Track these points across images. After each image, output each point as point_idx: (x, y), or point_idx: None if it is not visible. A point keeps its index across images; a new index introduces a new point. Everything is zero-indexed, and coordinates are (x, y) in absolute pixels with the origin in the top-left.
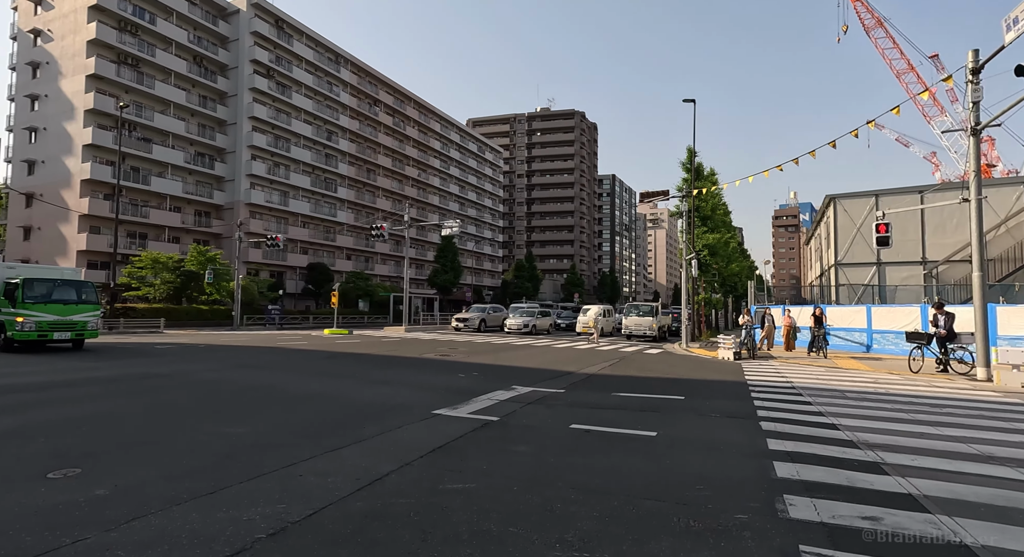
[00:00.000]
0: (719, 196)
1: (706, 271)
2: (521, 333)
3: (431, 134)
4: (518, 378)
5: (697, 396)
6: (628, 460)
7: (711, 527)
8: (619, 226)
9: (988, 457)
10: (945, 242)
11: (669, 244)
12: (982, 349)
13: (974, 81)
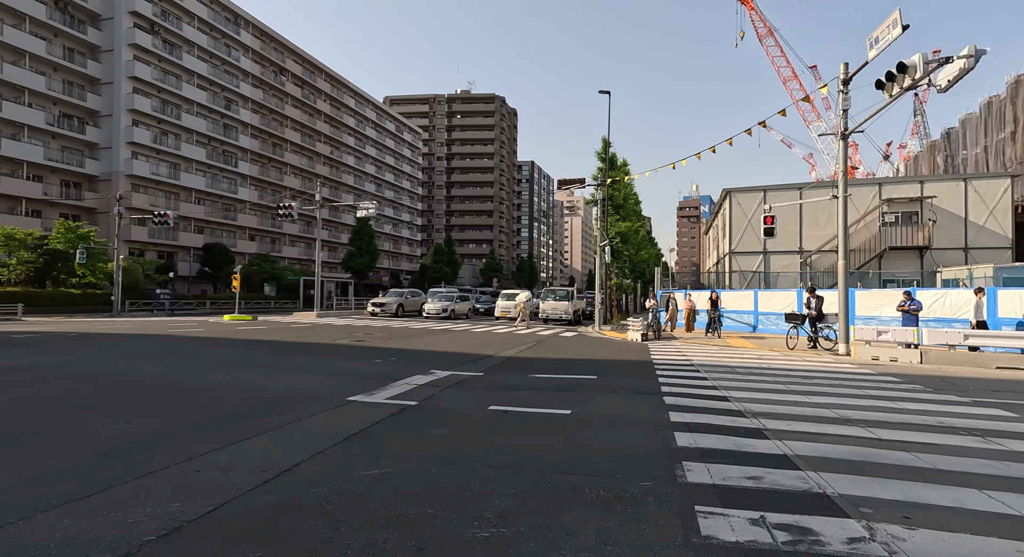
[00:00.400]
0: (631, 186)
1: (618, 257)
2: (440, 318)
3: (345, 110)
4: (437, 362)
5: (608, 375)
6: (544, 438)
7: (619, 495)
8: (537, 212)
9: (845, 420)
10: (818, 234)
11: (585, 231)
12: (843, 327)
13: (844, 91)
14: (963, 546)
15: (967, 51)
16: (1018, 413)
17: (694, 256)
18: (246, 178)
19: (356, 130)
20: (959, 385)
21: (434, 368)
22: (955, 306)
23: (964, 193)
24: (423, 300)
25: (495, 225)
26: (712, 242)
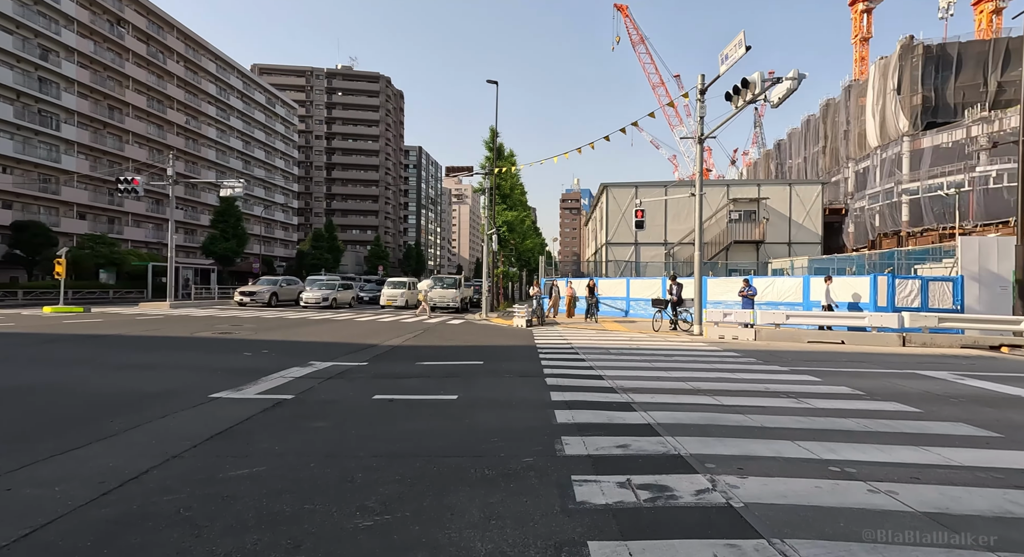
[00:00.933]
0: (517, 177)
1: (505, 246)
2: (320, 307)
3: (204, 75)
4: (316, 353)
5: (494, 360)
6: (431, 424)
7: (503, 472)
8: (425, 199)
9: (697, 390)
10: (680, 227)
11: (472, 219)
12: (697, 311)
13: (701, 100)
14: (779, 487)
15: (792, 74)
16: (822, 377)
17: (575, 246)
18: (72, 145)
19: (218, 99)
20: (782, 357)
21: (313, 359)
22: (781, 291)
23: (789, 196)
24: (300, 288)
25: (381, 211)
26: (591, 233)
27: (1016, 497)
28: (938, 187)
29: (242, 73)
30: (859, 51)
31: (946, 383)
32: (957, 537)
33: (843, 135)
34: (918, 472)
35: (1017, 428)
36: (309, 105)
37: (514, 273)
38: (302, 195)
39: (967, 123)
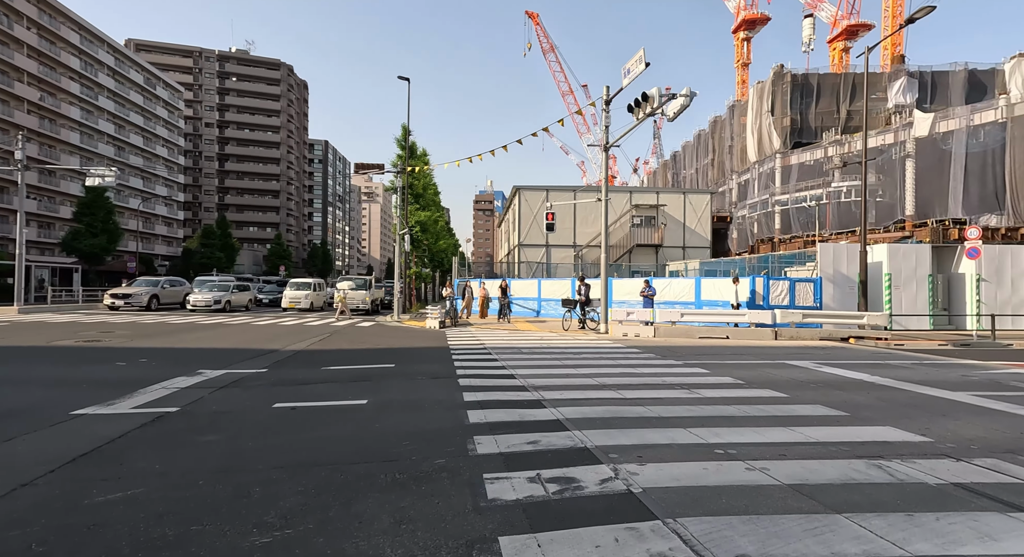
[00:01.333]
0: (430, 176)
1: (418, 246)
2: (211, 310)
3: (64, 46)
4: (206, 361)
5: (406, 363)
6: (338, 430)
7: (414, 476)
8: (332, 196)
9: (602, 385)
10: (588, 231)
11: (384, 219)
12: (604, 310)
13: (606, 110)
14: (673, 471)
15: (685, 92)
16: (710, 369)
17: (489, 247)
18: None
19: (83, 74)
20: (677, 352)
21: (203, 368)
22: (677, 291)
23: (683, 204)
24: (187, 290)
25: (282, 207)
26: (504, 234)
27: (857, 466)
28: (803, 200)
29: (114, 47)
30: (740, 75)
31: (808, 371)
32: (813, 503)
33: (728, 150)
34: (785, 450)
35: (860, 407)
36: (198, 90)
37: (427, 274)
38: (190, 188)
39: (824, 144)
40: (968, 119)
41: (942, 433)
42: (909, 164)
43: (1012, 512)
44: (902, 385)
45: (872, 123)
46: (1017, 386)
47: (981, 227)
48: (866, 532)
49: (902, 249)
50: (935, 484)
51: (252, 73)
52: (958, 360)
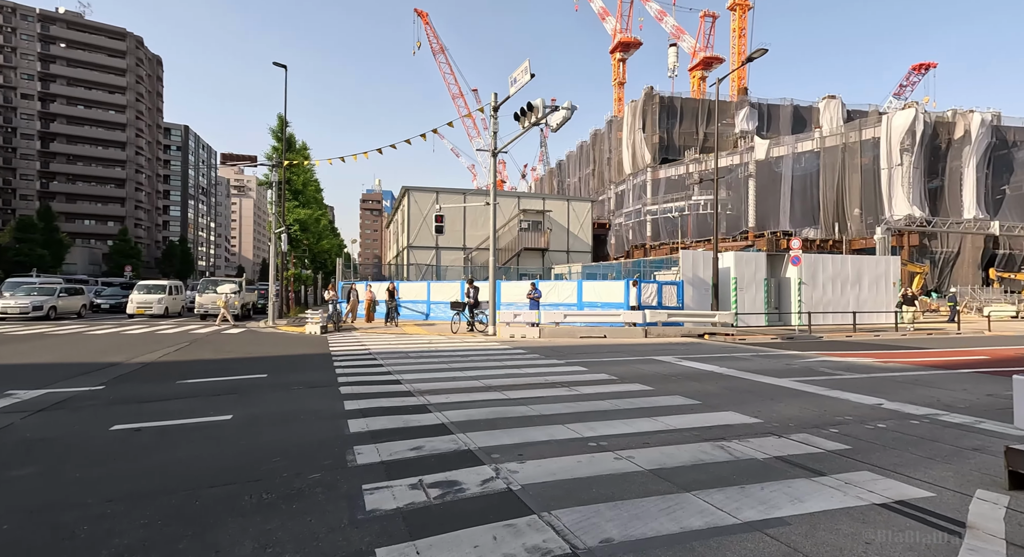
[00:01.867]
0: (311, 172)
1: (297, 246)
2: (29, 318)
3: None
4: (18, 380)
5: (281, 372)
6: (195, 451)
7: (285, 494)
8: (195, 189)
9: (488, 387)
10: (477, 234)
11: (258, 215)
12: (492, 313)
13: (494, 117)
14: (550, 466)
15: (567, 105)
16: (589, 367)
17: (377, 248)
18: None
19: None
20: (560, 351)
21: (13, 389)
22: (561, 294)
23: (567, 211)
24: None
25: (129, 198)
26: (393, 236)
27: (705, 448)
28: (669, 210)
29: None
30: (617, 93)
31: (670, 365)
32: (668, 484)
33: (607, 161)
34: (648, 438)
35: (710, 395)
36: (11, 54)
37: (308, 276)
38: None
39: (686, 162)
40: (793, 147)
41: (770, 414)
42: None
43: (815, 477)
44: (743, 374)
45: (722, 145)
46: (824, 371)
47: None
48: (708, 506)
49: (745, 256)
50: (762, 459)
51: (88, 41)
52: (784, 351)
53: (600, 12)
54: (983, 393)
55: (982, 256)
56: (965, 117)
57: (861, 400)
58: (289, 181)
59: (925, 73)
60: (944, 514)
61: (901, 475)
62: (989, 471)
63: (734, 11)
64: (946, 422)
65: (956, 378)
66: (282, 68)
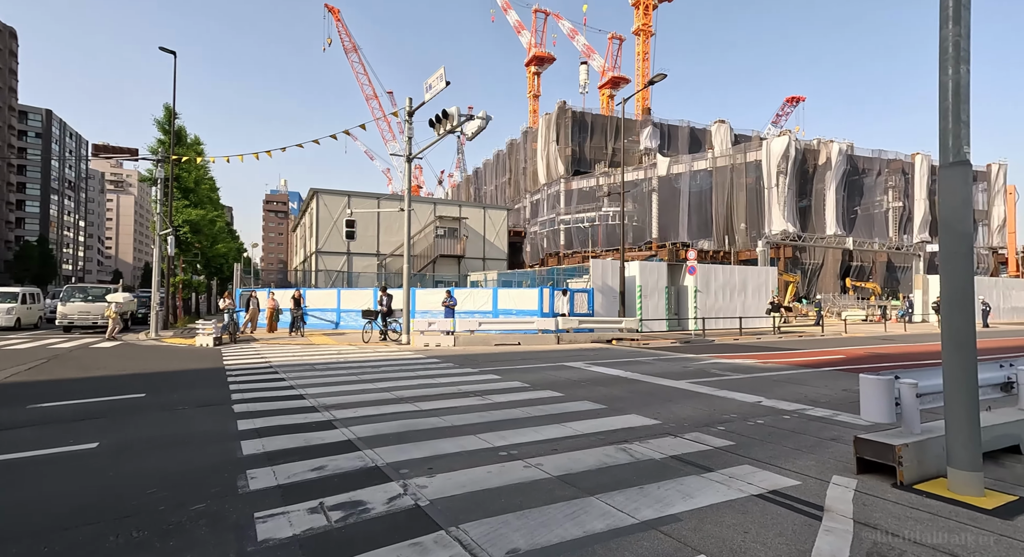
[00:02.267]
0: (205, 169)
1: (187, 250)
2: None
3: None
4: None
5: (164, 390)
6: (49, 487)
7: (161, 530)
8: (59, 182)
9: (400, 399)
10: (392, 239)
11: (140, 215)
12: (406, 320)
13: (409, 121)
14: (460, 479)
15: (482, 115)
16: (502, 375)
17: (281, 253)
18: None
19: None
20: (474, 360)
21: None
22: (477, 301)
23: (484, 218)
24: None
25: None
26: (300, 240)
27: (609, 451)
28: (581, 220)
29: None
30: (532, 104)
31: (581, 371)
32: (574, 489)
33: (523, 171)
34: (557, 444)
35: (615, 399)
36: None
37: (200, 282)
38: None
39: (597, 174)
40: (690, 165)
41: (668, 416)
42: (654, 197)
43: (704, 473)
44: (645, 378)
45: (629, 161)
46: (715, 372)
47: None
48: (610, 508)
49: (649, 266)
50: (660, 459)
51: None
52: (682, 355)
53: (516, 25)
54: (840, 388)
55: (840, 267)
56: (827, 146)
57: (744, 398)
58: (178, 178)
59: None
60: (808, 500)
61: (775, 467)
62: (843, 458)
63: (639, 36)
64: (811, 416)
65: (820, 376)
66: (170, 54)
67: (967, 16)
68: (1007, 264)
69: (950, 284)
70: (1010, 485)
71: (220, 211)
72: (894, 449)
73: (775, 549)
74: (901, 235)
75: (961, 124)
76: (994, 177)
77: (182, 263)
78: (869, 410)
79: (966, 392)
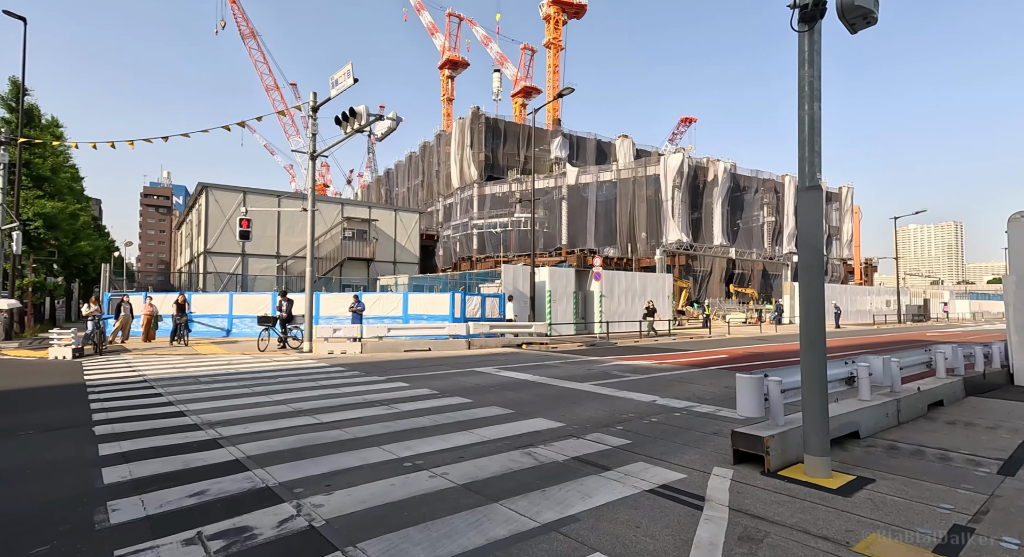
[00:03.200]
0: (65, 155)
1: (39, 248)
2: None
3: None
4: None
5: (1, 412)
6: None
7: None
8: None
9: (298, 411)
10: (294, 240)
11: None
12: (308, 327)
13: (313, 117)
14: (361, 494)
15: (392, 115)
16: (411, 382)
17: (164, 252)
18: None
19: None
20: (383, 367)
21: None
22: (387, 306)
23: (395, 221)
24: None
25: None
26: (186, 239)
27: (514, 456)
28: (493, 225)
29: None
30: (446, 108)
31: (491, 376)
32: (479, 497)
33: (436, 174)
34: (464, 452)
35: (523, 404)
36: None
37: (57, 285)
38: None
39: (510, 181)
40: (597, 176)
41: (572, 418)
42: (564, 205)
43: (603, 472)
44: (552, 381)
45: (540, 169)
46: (617, 374)
47: (604, 256)
48: (513, 513)
49: (558, 271)
50: (562, 461)
51: None
52: (588, 357)
53: (429, 27)
54: (723, 386)
55: (725, 274)
56: (714, 164)
57: (641, 398)
58: (29, 164)
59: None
60: (692, 492)
61: (665, 462)
62: (723, 451)
63: (549, 49)
64: (698, 412)
65: (706, 374)
66: (19, 20)
67: (818, 61)
68: (854, 273)
69: (806, 292)
70: (851, 466)
71: (85, 204)
72: (763, 440)
73: (662, 541)
74: (774, 246)
75: (815, 153)
76: (844, 198)
77: (32, 263)
78: (744, 406)
79: (819, 387)
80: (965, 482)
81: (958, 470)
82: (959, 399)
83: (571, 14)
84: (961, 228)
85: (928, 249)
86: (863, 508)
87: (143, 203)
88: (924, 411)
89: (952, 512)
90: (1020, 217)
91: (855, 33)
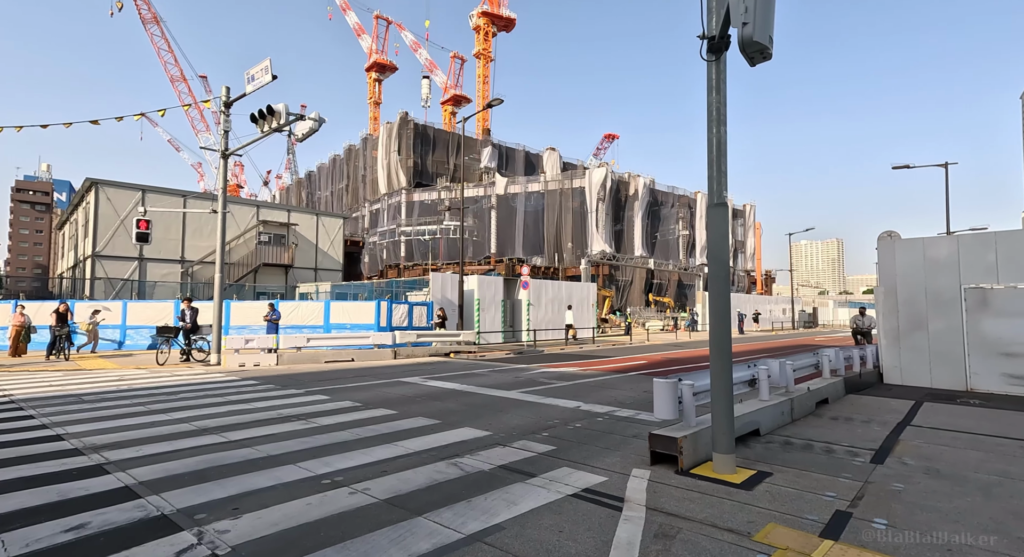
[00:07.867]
0: None
1: None
2: None
3: None
4: None
5: None
6: None
7: None
8: None
9: (203, 430)
10: (201, 244)
11: None
12: (216, 338)
13: (226, 113)
14: (272, 516)
15: (314, 116)
16: (331, 395)
17: (42, 255)
18: None
19: None
20: (300, 379)
21: None
22: (306, 315)
23: (316, 225)
24: None
25: None
26: (69, 240)
27: (440, 467)
28: (422, 232)
29: None
30: (373, 111)
31: (417, 386)
32: (403, 512)
33: (362, 178)
34: (387, 466)
35: (450, 413)
36: None
37: None
38: None
39: (439, 188)
40: (525, 186)
41: (499, 426)
42: (493, 213)
43: (528, 479)
44: (480, 390)
45: (470, 177)
46: (543, 381)
47: (532, 265)
48: (438, 526)
49: (487, 280)
50: (489, 469)
51: None
52: (515, 365)
53: (356, 28)
54: (642, 390)
55: (645, 284)
56: (635, 179)
57: (566, 405)
58: None
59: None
60: (612, 494)
61: (588, 466)
62: (642, 453)
63: (479, 59)
64: (619, 417)
65: (627, 379)
66: None
67: (724, 88)
68: (756, 283)
69: (714, 301)
70: (752, 461)
71: None
72: (676, 441)
73: (583, 543)
74: (688, 258)
75: (722, 173)
76: (748, 215)
77: None
78: (660, 409)
79: (725, 389)
80: (845, 471)
81: (840, 461)
82: (841, 397)
83: (500, 26)
84: (842, 244)
85: (816, 262)
86: (762, 500)
87: (15, 199)
88: (813, 409)
89: (835, 499)
90: (887, 236)
91: (754, 65)
